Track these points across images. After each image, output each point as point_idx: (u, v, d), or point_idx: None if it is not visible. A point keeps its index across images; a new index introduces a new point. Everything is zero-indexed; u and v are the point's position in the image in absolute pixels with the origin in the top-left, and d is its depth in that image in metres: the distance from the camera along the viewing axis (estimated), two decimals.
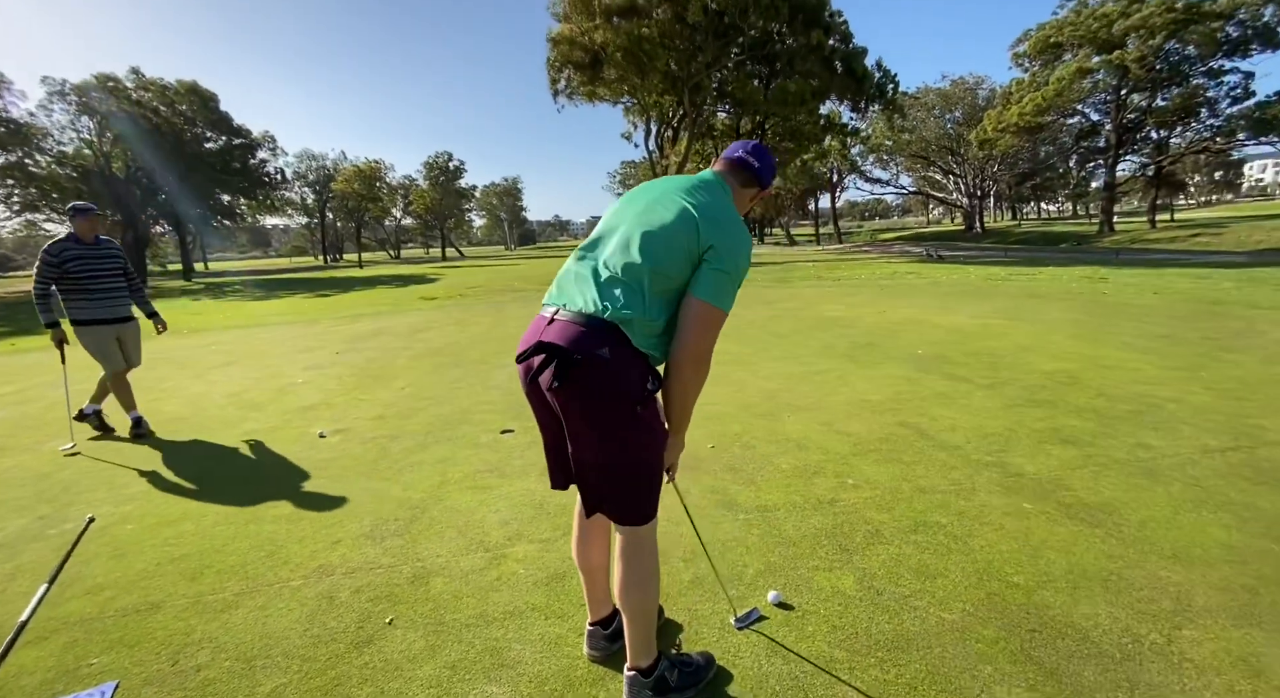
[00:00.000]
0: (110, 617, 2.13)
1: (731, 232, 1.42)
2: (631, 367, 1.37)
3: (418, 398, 5.07)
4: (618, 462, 1.43)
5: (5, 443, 4.27)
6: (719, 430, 3.76)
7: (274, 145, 46.09)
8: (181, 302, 22.01)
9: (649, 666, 1.55)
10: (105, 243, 4.28)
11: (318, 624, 2.00)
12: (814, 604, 1.97)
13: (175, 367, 7.89)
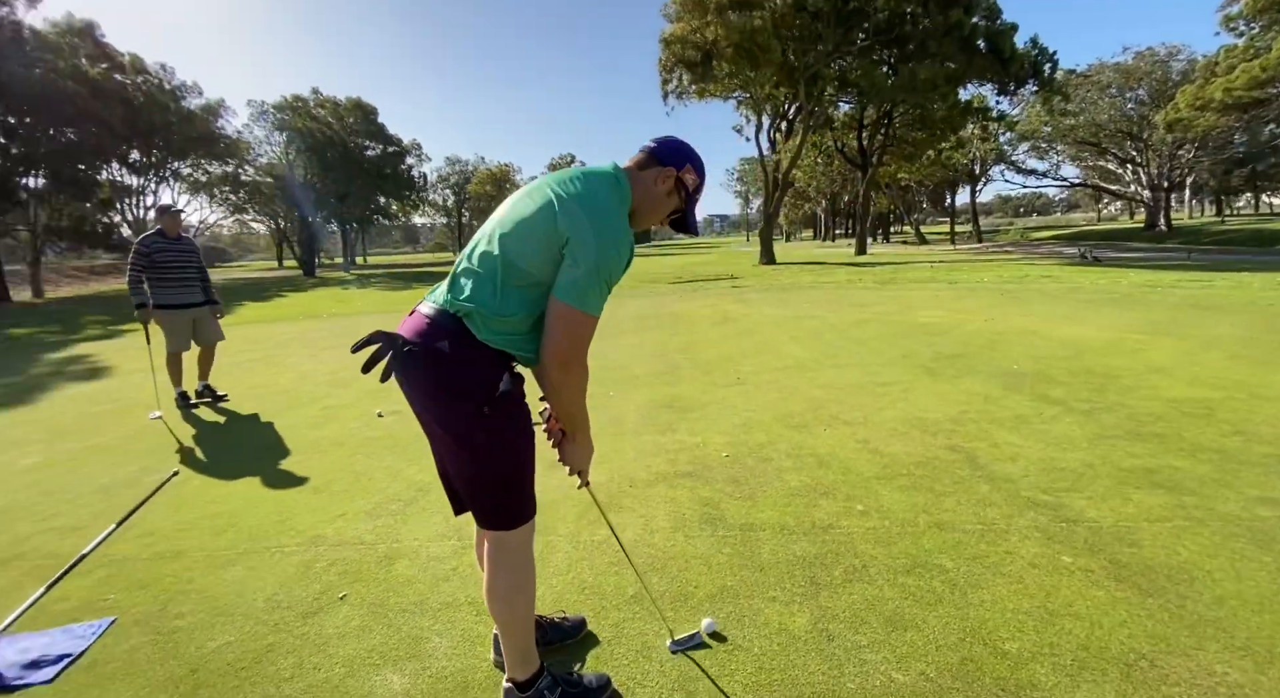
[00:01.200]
0: (143, 560, 2.46)
1: (591, 222, 1.30)
2: (473, 362, 1.31)
3: None
4: (471, 462, 1.37)
5: (134, 406, 5.13)
6: (741, 439, 3.54)
7: (419, 152, 51.11)
8: (334, 290, 25.12)
9: (525, 680, 1.48)
10: (186, 240, 5.03)
11: (285, 590, 2.16)
12: (750, 640, 1.77)
13: (302, 345, 9.02)
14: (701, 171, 1.52)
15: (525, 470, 1.43)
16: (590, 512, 2.66)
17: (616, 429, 3.87)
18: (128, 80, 33.88)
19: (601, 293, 1.31)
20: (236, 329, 13.69)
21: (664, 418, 4.07)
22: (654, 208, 1.49)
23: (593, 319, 1.31)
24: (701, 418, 4.02)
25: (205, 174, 44.27)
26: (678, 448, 3.47)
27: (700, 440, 3.57)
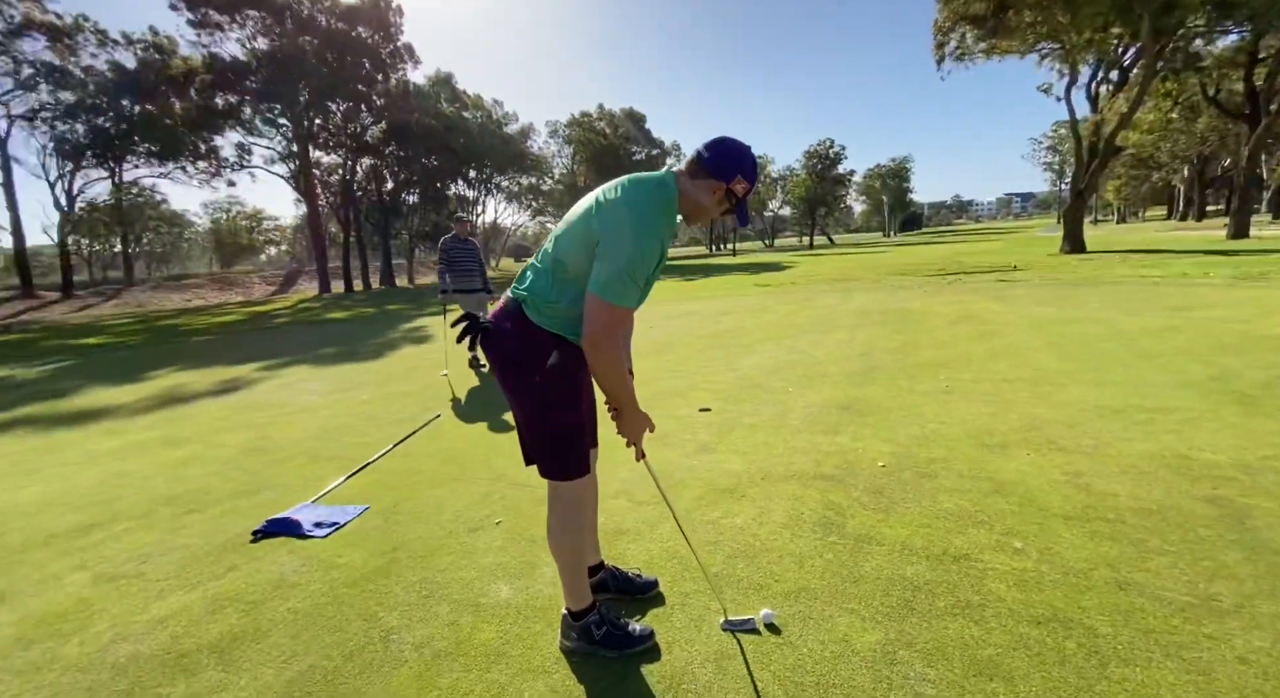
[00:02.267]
0: (398, 472, 3.44)
1: (619, 226, 1.46)
2: (529, 340, 1.59)
3: (668, 371, 5.78)
4: (528, 420, 1.67)
5: (437, 365, 6.83)
6: (909, 452, 3.21)
7: (678, 152, 54.59)
8: None
9: (577, 611, 1.75)
10: (469, 241, 6.47)
11: (465, 510, 2.82)
12: (804, 640, 1.74)
13: None
14: (752, 176, 1.57)
15: (573, 433, 1.67)
16: (708, 495, 2.79)
17: (776, 425, 3.85)
18: (469, 115, 43.65)
19: (628, 287, 1.47)
20: None
21: (832, 419, 3.89)
22: (703, 213, 1.60)
23: (620, 309, 1.48)
24: (875, 424, 3.72)
25: (517, 185, 54.94)
26: (831, 450, 3.32)
27: (860, 446, 3.35)
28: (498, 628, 1.89)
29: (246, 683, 1.69)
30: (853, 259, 27.48)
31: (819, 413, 4.03)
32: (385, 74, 34.49)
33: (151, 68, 29.05)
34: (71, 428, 5.16)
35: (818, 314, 9.42)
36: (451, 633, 1.87)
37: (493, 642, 1.82)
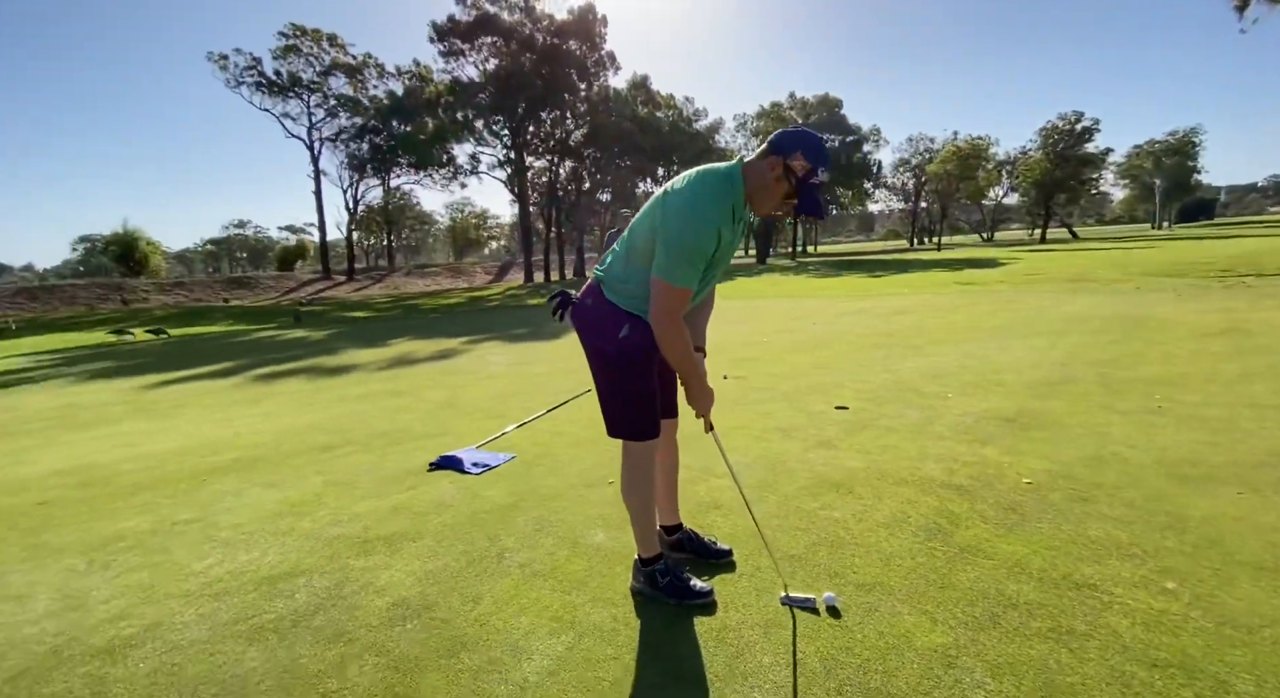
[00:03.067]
0: (544, 432, 3.96)
1: (674, 207, 1.61)
2: (605, 315, 1.81)
3: (816, 367, 5.64)
4: (602, 384, 1.90)
5: None
6: (1067, 472, 2.81)
7: (878, 137, 50.47)
8: (773, 276, 28.14)
9: (646, 558, 1.96)
10: None
11: (589, 470, 3.19)
12: (861, 627, 1.73)
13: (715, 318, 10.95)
14: (816, 157, 1.59)
15: (641, 399, 1.86)
16: (813, 487, 2.78)
17: (916, 430, 3.60)
18: (661, 114, 45.46)
19: (684, 269, 1.62)
20: None
21: (987, 430, 3.51)
22: (766, 193, 1.66)
23: (676, 289, 1.64)
24: (1040, 440, 3.28)
25: None
26: (971, 461, 3.03)
27: (1009, 461, 3.00)
28: (586, 563, 2.18)
29: (400, 566, 2.22)
30: (1096, 255, 22.97)
31: (973, 422, 3.66)
32: (589, 82, 37.63)
33: (414, 94, 35.57)
34: (333, 377, 6.79)
35: (1018, 317, 8.24)
36: (549, 560, 2.22)
37: (578, 573, 2.12)
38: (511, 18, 33.93)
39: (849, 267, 32.27)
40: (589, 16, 34.99)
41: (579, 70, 36.17)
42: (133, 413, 5.55)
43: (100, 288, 33.09)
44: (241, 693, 1.58)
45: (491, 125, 35.81)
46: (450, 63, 34.47)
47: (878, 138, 51.05)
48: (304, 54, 35.47)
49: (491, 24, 33.59)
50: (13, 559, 2.46)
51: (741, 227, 1.82)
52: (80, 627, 1.92)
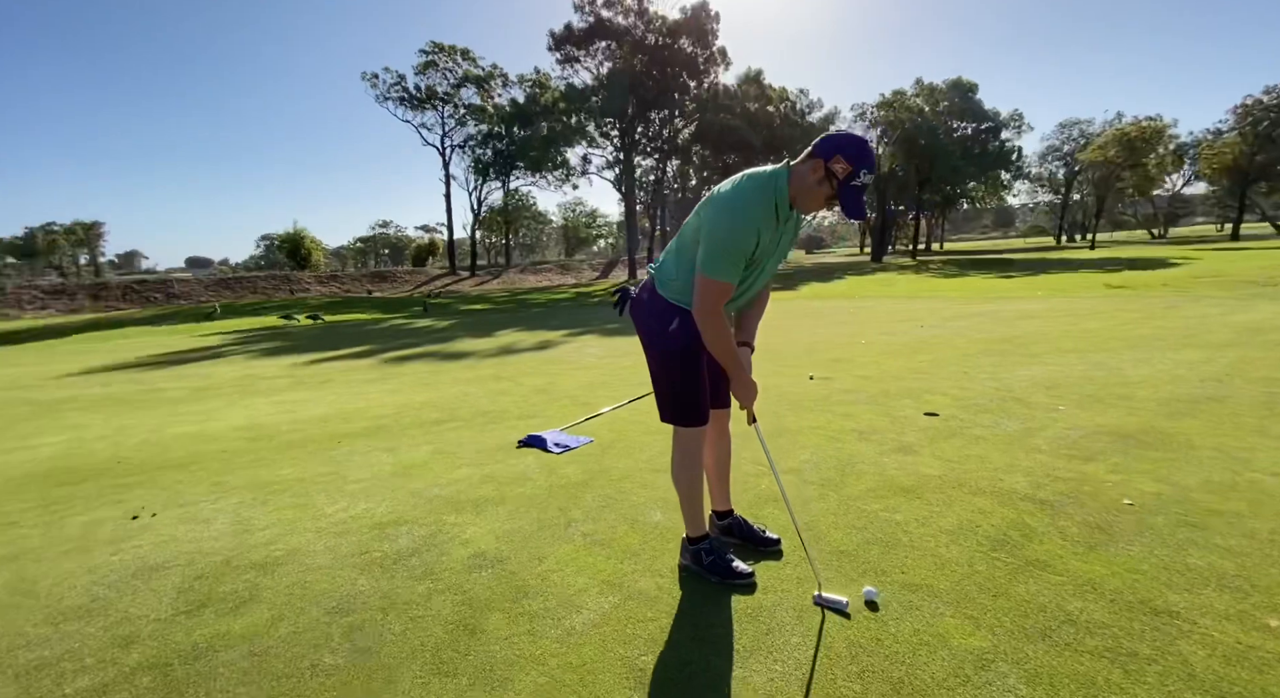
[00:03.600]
0: (623, 420, 4.19)
1: (716, 206, 1.72)
2: (658, 309, 1.95)
3: (913, 372, 5.39)
4: (654, 375, 2.04)
5: None
6: (1189, 499, 2.54)
7: (1019, 123, 45.58)
8: (887, 276, 26.60)
9: (693, 537, 2.10)
10: None
11: (656, 456, 3.36)
12: (896, 624, 1.75)
13: (814, 319, 10.66)
14: (857, 160, 1.64)
15: (689, 387, 1.98)
16: (880, 490, 2.75)
17: (1010, 442, 3.39)
18: (773, 108, 44.27)
19: (723, 264, 1.73)
20: (776, 303, 16.93)
21: (1096, 446, 3.23)
22: (809, 194, 1.74)
23: (717, 283, 1.75)
24: (1159, 460, 2.97)
25: None
26: (1067, 477, 2.83)
27: (1114, 480, 2.76)
28: (641, 538, 2.36)
29: (481, 524, 2.53)
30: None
31: (1080, 437, 3.37)
32: (699, 80, 37.66)
33: (533, 101, 37.73)
34: (449, 361, 7.54)
35: (1172, 326, 7.27)
36: (609, 532, 2.42)
37: (633, 545, 2.31)
38: (625, 21, 34.84)
39: (977, 266, 29.69)
40: (702, 14, 35.01)
41: (689, 69, 36.31)
42: (292, 385, 6.57)
43: (274, 279, 38.68)
44: (351, 609, 1.94)
45: (602, 127, 37.03)
46: (566, 69, 36.12)
47: (1019, 123, 46.09)
48: (440, 69, 38.86)
49: (605, 29, 34.71)
50: (201, 493, 3.11)
51: (790, 226, 1.90)
52: (244, 546, 2.42)
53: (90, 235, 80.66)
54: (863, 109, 48.58)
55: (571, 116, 35.23)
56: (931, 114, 43.78)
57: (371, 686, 1.57)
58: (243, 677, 1.62)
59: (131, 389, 6.67)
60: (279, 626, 1.86)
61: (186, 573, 2.20)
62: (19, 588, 2.14)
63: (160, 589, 2.09)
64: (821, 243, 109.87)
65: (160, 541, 2.49)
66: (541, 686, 1.56)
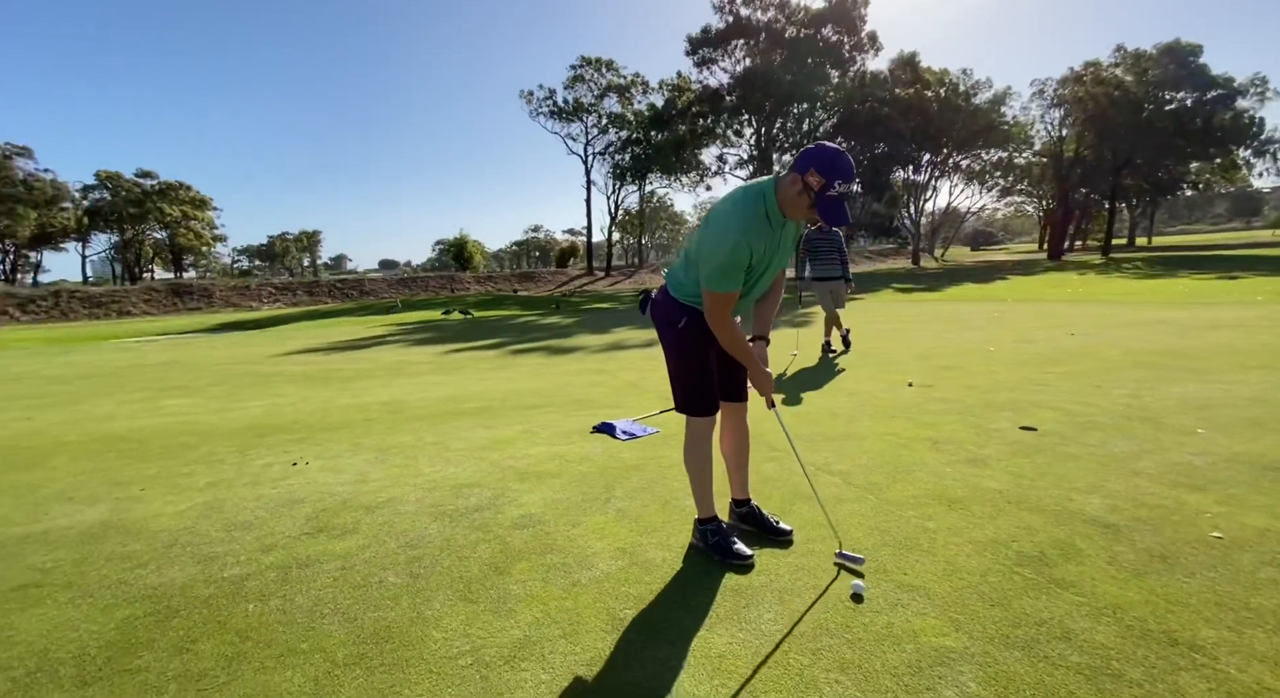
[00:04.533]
0: None
1: (711, 225, 1.88)
2: (670, 308, 2.15)
3: (1031, 382, 4.93)
4: (669, 363, 2.24)
5: (783, 346, 7.52)
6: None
7: (1262, 90, 36.94)
8: (1063, 276, 23.30)
9: (703, 518, 2.28)
10: (833, 232, 6.72)
11: None
12: (875, 618, 1.80)
13: (944, 323, 9.86)
14: (829, 172, 1.74)
15: (698, 380, 2.16)
16: (924, 498, 2.69)
17: (1109, 462, 3.06)
18: (930, 92, 40.44)
19: (719, 278, 1.89)
20: (910, 305, 15.77)
21: (1221, 475, 2.82)
22: (792, 204, 1.86)
23: (720, 295, 1.92)
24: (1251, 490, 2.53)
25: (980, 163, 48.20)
26: (1155, 504, 2.54)
27: (1214, 512, 2.43)
28: (665, 517, 2.59)
29: (537, 493, 2.92)
30: None
31: (1206, 464, 2.94)
32: (844, 69, 35.77)
33: (670, 105, 38.54)
34: (561, 354, 8.23)
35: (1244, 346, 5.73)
36: (639, 510, 2.68)
37: (656, 522, 2.54)
38: (765, 16, 34.20)
39: (1192, 264, 24.85)
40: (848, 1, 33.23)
41: (832, 58, 34.62)
42: (433, 369, 7.66)
43: (441, 279, 43.99)
44: (417, 545, 2.42)
45: (736, 126, 36.73)
46: (703, 72, 36.37)
47: (1261, 90, 37.33)
48: (586, 81, 41.27)
49: (743, 27, 34.37)
50: (342, 450, 3.89)
51: (788, 230, 2.01)
52: (359, 492, 3.06)
53: (311, 242, 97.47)
54: (1041, 86, 42.75)
55: (705, 118, 35.43)
56: (1135, 84, 37.15)
57: (414, 601, 2.00)
58: (331, 582, 2.15)
59: (317, 368, 8.23)
60: (365, 551, 2.39)
61: (315, 507, 2.87)
62: (211, 506, 2.94)
63: (296, 516, 2.76)
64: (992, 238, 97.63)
65: (305, 482, 3.23)
66: (536, 619, 1.88)
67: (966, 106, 40.81)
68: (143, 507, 2.97)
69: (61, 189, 50.62)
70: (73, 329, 24.44)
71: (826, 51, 34.08)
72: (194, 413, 5.34)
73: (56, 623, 1.95)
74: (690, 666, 1.63)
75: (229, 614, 1.97)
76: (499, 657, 1.70)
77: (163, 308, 35.27)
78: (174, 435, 4.44)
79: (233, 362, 9.63)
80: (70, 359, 11.30)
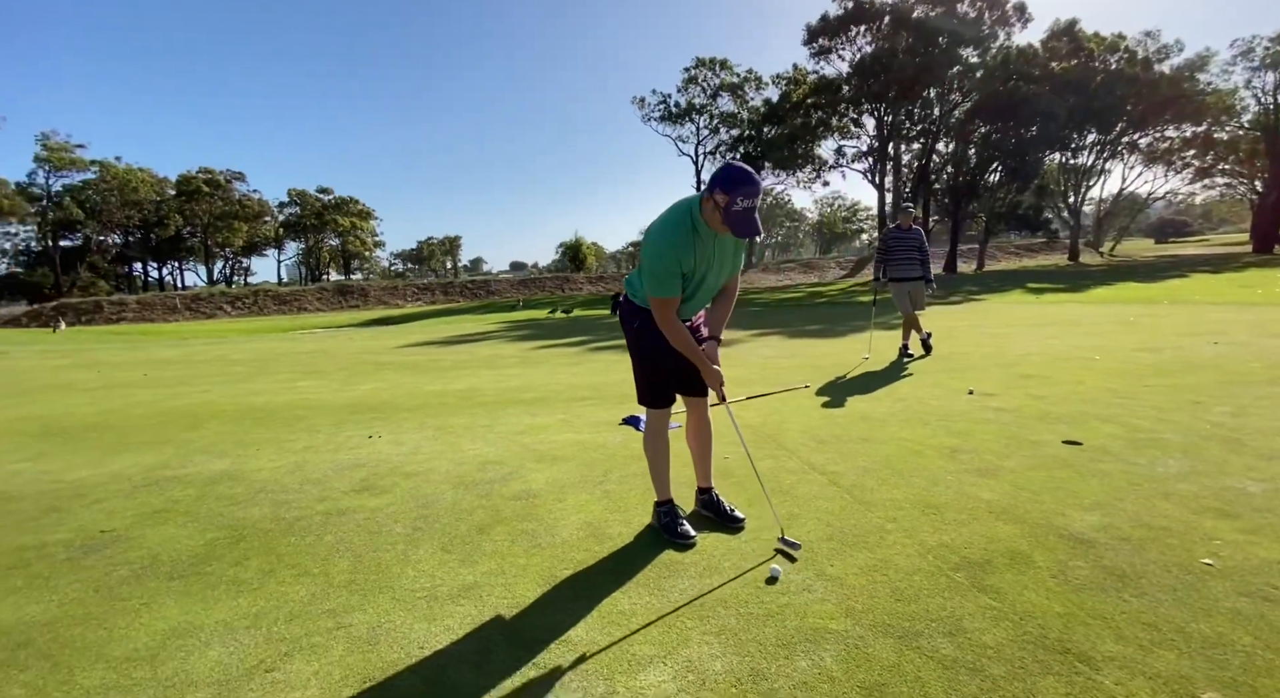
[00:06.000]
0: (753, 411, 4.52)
1: (647, 238, 2.10)
2: (627, 311, 2.39)
3: (1121, 397, 4.47)
4: (631, 360, 2.47)
5: (854, 350, 7.24)
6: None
7: None
8: (1258, 273, 19.64)
9: (659, 501, 2.50)
10: (913, 231, 6.38)
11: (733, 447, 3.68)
12: (777, 600, 1.92)
13: (1058, 327, 8.91)
14: (731, 190, 1.93)
15: (651, 376, 2.38)
16: (903, 502, 2.68)
17: (1144, 481, 2.81)
18: (1097, 63, 35.18)
19: (656, 285, 2.10)
20: (1034, 308, 14.22)
21: (1268, 504, 2.49)
22: (711, 219, 2.06)
23: (660, 300, 2.13)
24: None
25: (1165, 141, 41.26)
26: (1160, 526, 2.34)
27: (1232, 541, 2.21)
28: (641, 500, 2.82)
29: (543, 472, 3.29)
30: None
31: (1263, 494, 2.61)
32: (983, 47, 32.52)
33: (785, 99, 37.48)
34: None
35: None
36: (622, 492, 2.94)
37: (630, 502, 2.80)
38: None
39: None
40: None
41: (968, 38, 31.57)
42: (517, 363, 8.41)
43: (557, 279, 46.63)
44: (429, 505, 2.88)
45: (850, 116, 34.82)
46: (820, 62, 34.95)
47: None
48: (699, 83, 41.45)
49: (864, 11, 32.52)
50: (411, 427, 4.55)
51: (721, 243, 2.19)
52: (406, 461, 3.63)
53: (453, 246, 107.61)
54: (1248, 45, 35.73)
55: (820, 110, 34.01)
56: None
57: (406, 547, 2.45)
58: (355, 527, 2.67)
59: (424, 359, 9.38)
60: (390, 507, 2.90)
61: (369, 471, 3.47)
62: (297, 465, 3.67)
63: (352, 478, 3.38)
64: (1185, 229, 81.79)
65: (371, 452, 3.89)
66: (490, 570, 2.23)
67: (1147, 75, 35.12)
68: (253, 462, 3.78)
69: (265, 206, 61.02)
70: (263, 322, 29.35)
71: (961, 30, 31.18)
72: (316, 392, 6.44)
73: (169, 537, 2.66)
74: (591, 617, 1.89)
75: (277, 544, 2.55)
76: (447, 594, 2.07)
77: (330, 304, 41.14)
78: (294, 410, 5.45)
79: (362, 352, 11.21)
80: (248, 347, 13.78)
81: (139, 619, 2.00)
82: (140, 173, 52.88)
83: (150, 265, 60.84)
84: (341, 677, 1.66)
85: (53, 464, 3.95)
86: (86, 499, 3.21)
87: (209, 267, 62.19)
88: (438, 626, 1.89)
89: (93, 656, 1.81)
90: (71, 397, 6.96)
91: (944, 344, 7.43)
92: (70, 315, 34.08)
